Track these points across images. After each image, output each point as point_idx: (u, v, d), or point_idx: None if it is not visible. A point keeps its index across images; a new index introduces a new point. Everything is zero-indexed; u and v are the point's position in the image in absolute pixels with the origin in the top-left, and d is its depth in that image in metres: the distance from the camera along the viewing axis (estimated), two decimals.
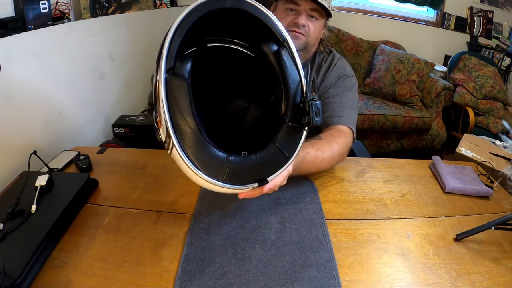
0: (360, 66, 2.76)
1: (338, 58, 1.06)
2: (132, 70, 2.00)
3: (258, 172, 0.57)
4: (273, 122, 0.61)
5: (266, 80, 0.65)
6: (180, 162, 0.53)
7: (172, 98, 0.50)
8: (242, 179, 0.55)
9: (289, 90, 0.59)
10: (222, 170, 0.53)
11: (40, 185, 0.74)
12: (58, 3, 1.29)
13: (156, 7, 2.37)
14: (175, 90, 0.51)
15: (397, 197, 0.87)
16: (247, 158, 0.56)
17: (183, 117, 0.51)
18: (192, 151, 0.51)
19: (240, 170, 0.55)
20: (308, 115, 0.58)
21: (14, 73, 1.02)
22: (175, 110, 0.50)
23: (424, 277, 0.64)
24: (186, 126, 0.51)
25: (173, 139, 0.50)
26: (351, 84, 1.02)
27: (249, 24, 0.60)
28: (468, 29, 2.96)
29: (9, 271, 0.55)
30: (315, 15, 0.93)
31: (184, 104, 0.51)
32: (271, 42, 0.61)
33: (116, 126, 1.63)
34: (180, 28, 0.52)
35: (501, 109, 2.51)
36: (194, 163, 0.52)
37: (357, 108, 1.02)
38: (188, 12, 0.53)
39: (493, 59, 2.85)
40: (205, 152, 0.52)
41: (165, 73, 0.50)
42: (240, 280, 0.60)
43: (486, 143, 1.39)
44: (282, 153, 0.58)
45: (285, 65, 0.59)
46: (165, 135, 0.52)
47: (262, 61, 0.62)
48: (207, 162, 0.52)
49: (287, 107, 0.59)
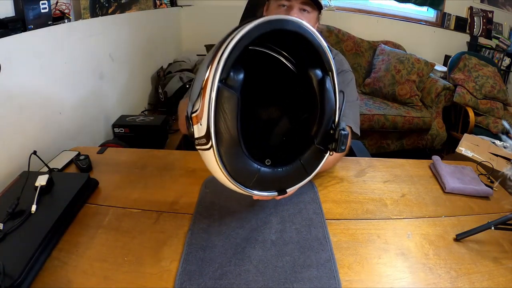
0: (360, 66, 2.76)
1: (335, 53, 1.07)
2: (132, 70, 2.00)
3: (280, 183, 0.62)
4: (300, 139, 0.66)
5: (302, 98, 0.69)
6: (212, 163, 0.56)
7: (220, 107, 0.53)
8: (266, 187, 0.61)
9: (325, 116, 0.63)
10: (251, 179, 0.58)
11: (40, 185, 0.74)
12: (58, 3, 1.29)
13: (156, 7, 2.37)
14: (226, 101, 0.53)
15: (397, 197, 0.87)
16: (275, 171, 0.60)
17: (227, 126, 0.54)
18: (227, 158, 0.55)
19: (266, 180, 0.60)
20: (336, 142, 0.63)
21: (14, 73, 1.02)
22: (220, 118, 0.53)
23: (424, 277, 0.64)
24: (228, 135, 0.54)
25: (213, 144, 0.54)
26: (349, 80, 1.02)
27: (301, 46, 0.64)
28: (468, 29, 2.96)
29: (9, 271, 0.55)
30: (307, 8, 0.93)
31: (232, 116, 0.54)
32: (318, 68, 0.65)
33: (116, 126, 1.63)
34: (241, 42, 0.54)
35: (501, 109, 2.51)
36: (227, 169, 0.56)
37: (358, 102, 1.02)
38: (251, 28, 0.54)
39: (493, 59, 2.85)
40: (240, 162, 0.56)
41: (218, 81, 0.52)
42: (240, 280, 0.60)
43: (486, 143, 1.39)
44: (305, 170, 0.64)
45: (327, 93, 0.63)
46: (202, 135, 0.55)
47: (304, 81, 0.66)
48: (239, 170, 0.57)
49: (319, 131, 0.64)
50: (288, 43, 0.67)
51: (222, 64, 0.52)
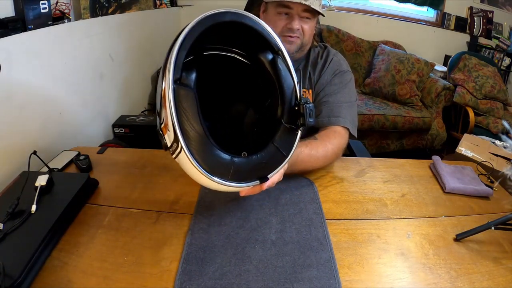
0: (360, 66, 2.76)
1: (334, 53, 1.06)
2: (132, 70, 2.00)
3: (259, 171, 0.62)
4: (269, 124, 0.66)
5: (261, 86, 0.70)
6: (187, 165, 0.57)
7: (180, 106, 0.54)
8: (245, 178, 0.61)
9: (285, 94, 0.65)
10: (227, 171, 0.58)
11: (40, 185, 0.74)
12: (58, 3, 1.29)
13: (156, 7, 2.37)
14: (184, 99, 0.55)
15: (397, 197, 0.87)
16: (249, 159, 0.61)
17: (191, 123, 0.55)
18: (199, 155, 0.56)
19: (243, 170, 0.60)
20: (303, 117, 0.64)
21: (14, 73, 1.02)
22: (182, 117, 0.54)
23: (424, 277, 0.64)
24: (194, 131, 0.55)
25: (182, 144, 0.54)
26: (347, 80, 1.02)
27: (246, 35, 0.65)
28: (468, 29, 2.96)
29: (9, 271, 0.55)
30: (307, 15, 0.93)
31: (193, 112, 0.55)
32: (267, 51, 0.66)
33: (116, 126, 1.63)
34: (185, 41, 0.56)
35: (501, 109, 2.51)
36: (201, 166, 0.56)
37: (356, 103, 1.02)
38: (193, 26, 0.57)
39: (493, 59, 2.85)
40: (212, 155, 0.57)
41: (173, 83, 0.54)
42: (240, 280, 0.60)
43: (486, 143, 1.39)
44: (280, 152, 0.64)
45: (281, 72, 0.65)
46: (172, 140, 0.56)
47: (258, 68, 0.67)
48: (214, 164, 0.57)
49: (283, 110, 0.65)
50: (236, 37, 0.68)
51: (173, 65, 0.54)
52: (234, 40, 0.70)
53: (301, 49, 0.98)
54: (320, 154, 0.86)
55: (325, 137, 0.90)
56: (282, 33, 0.93)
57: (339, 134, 0.93)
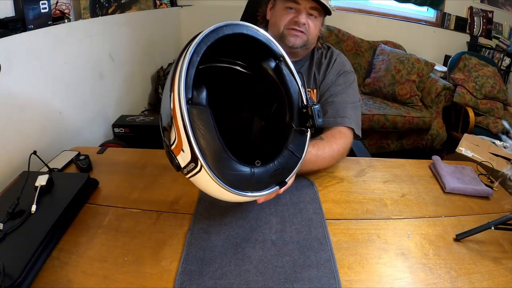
0: (360, 66, 2.76)
1: (337, 54, 1.07)
2: (132, 70, 2.00)
3: (277, 176, 0.63)
4: (277, 130, 0.68)
5: (265, 94, 0.72)
6: (208, 182, 0.56)
7: (196, 126, 0.54)
8: (266, 186, 0.62)
9: (292, 99, 0.66)
10: (249, 183, 0.59)
11: (40, 185, 0.74)
12: (58, 3, 1.29)
13: (156, 7, 2.37)
14: (198, 118, 0.54)
15: (397, 197, 0.87)
16: (267, 167, 0.61)
17: (208, 141, 0.54)
18: (220, 171, 0.56)
19: (263, 178, 0.61)
20: (312, 119, 0.65)
21: (14, 73, 1.02)
22: (199, 136, 0.54)
23: (424, 277, 0.64)
24: (213, 149, 0.54)
25: (203, 163, 0.54)
26: (351, 80, 1.03)
27: (246, 45, 0.66)
28: (468, 29, 2.96)
29: (9, 271, 0.55)
30: (314, 13, 0.94)
31: (209, 129, 0.54)
32: (269, 59, 0.67)
33: (116, 126, 1.63)
34: (193, 58, 0.55)
35: (501, 109, 2.51)
36: (223, 181, 0.56)
37: (359, 104, 1.03)
38: (198, 43, 0.56)
39: (493, 59, 2.85)
40: (233, 170, 0.57)
41: (186, 104, 0.53)
42: (240, 280, 0.60)
43: (486, 143, 1.39)
44: (295, 155, 0.65)
45: (286, 77, 0.66)
46: (189, 161, 0.55)
47: (261, 77, 0.68)
48: (235, 178, 0.57)
49: (292, 114, 0.66)
50: (236, 49, 0.69)
51: (183, 85, 0.53)
52: (234, 52, 0.70)
53: (306, 46, 0.98)
54: (327, 154, 0.87)
55: (331, 138, 0.91)
56: (288, 26, 0.95)
57: (344, 134, 0.94)
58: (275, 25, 0.98)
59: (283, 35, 0.96)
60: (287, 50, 0.96)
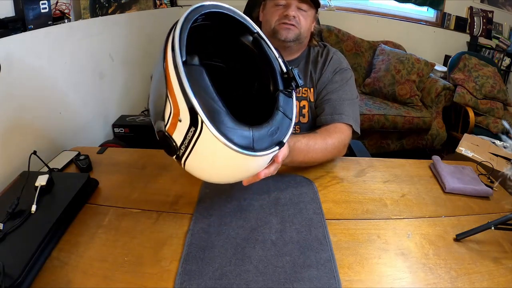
0: (360, 66, 2.76)
1: (334, 52, 1.07)
2: (132, 70, 1.99)
3: (273, 137, 0.63)
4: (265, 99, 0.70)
5: (246, 74, 0.75)
6: (212, 144, 0.54)
7: (194, 84, 0.53)
8: (266, 146, 0.61)
9: (273, 66, 0.69)
10: (250, 142, 0.58)
11: (40, 185, 0.74)
12: (58, 3, 1.29)
13: (156, 7, 2.37)
14: (197, 74, 0.54)
15: (397, 197, 0.87)
16: (264, 127, 0.61)
17: (207, 100, 0.53)
18: (222, 130, 0.54)
19: (261, 138, 0.60)
20: (295, 80, 0.68)
21: (14, 73, 1.02)
22: (196, 92, 0.53)
23: (424, 277, 0.64)
24: (212, 107, 0.53)
25: (203, 117, 0.52)
26: (348, 77, 1.03)
27: (225, 26, 0.69)
28: (468, 29, 2.96)
29: (9, 271, 0.55)
30: (303, 7, 0.96)
31: (207, 87, 0.54)
32: (247, 34, 0.71)
33: (116, 126, 1.62)
34: (184, 25, 0.57)
35: (501, 109, 2.50)
36: (228, 141, 0.54)
37: (357, 100, 1.03)
38: (186, 15, 0.59)
39: (493, 59, 2.85)
40: (234, 128, 0.56)
41: (181, 62, 0.53)
42: (240, 280, 0.60)
43: (486, 143, 1.39)
44: (286, 117, 0.66)
45: (264, 47, 0.69)
46: (187, 129, 0.54)
47: (241, 54, 0.72)
48: (237, 137, 0.56)
49: (275, 81, 0.69)
50: (212, 32, 0.71)
51: (178, 46, 0.54)
52: (208, 49, 0.73)
53: (299, 40, 0.99)
54: (319, 146, 0.87)
55: (325, 132, 0.92)
56: (279, 20, 0.96)
57: (340, 129, 0.94)
58: (267, 23, 0.99)
59: (275, 30, 0.97)
60: (281, 45, 0.98)
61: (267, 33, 1.00)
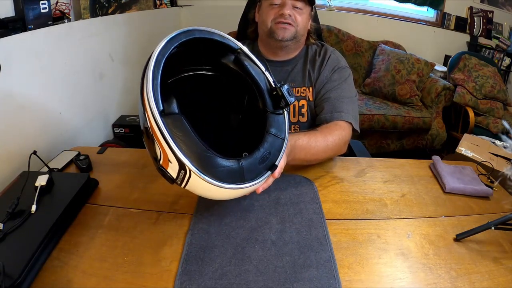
0: (360, 66, 2.76)
1: (331, 51, 1.08)
2: (132, 70, 2.00)
3: (266, 162, 0.64)
4: (255, 119, 0.69)
5: (235, 89, 0.74)
6: (202, 185, 0.58)
7: (174, 134, 0.55)
8: (257, 174, 0.62)
9: (259, 85, 0.68)
10: (241, 175, 0.59)
11: (40, 185, 0.74)
12: (58, 3, 1.29)
13: (156, 7, 2.37)
14: (174, 126, 0.55)
15: (397, 197, 0.87)
16: (254, 156, 0.62)
17: (189, 146, 0.55)
18: (209, 171, 0.56)
19: (253, 168, 0.61)
20: (284, 98, 0.66)
21: (14, 73, 1.02)
22: (179, 142, 0.55)
23: (424, 277, 0.64)
24: (196, 152, 0.56)
25: (190, 166, 0.55)
26: (346, 76, 1.03)
27: (206, 47, 0.68)
28: (468, 29, 2.96)
29: (9, 271, 0.55)
30: (298, 5, 0.96)
31: (188, 134, 0.56)
32: (228, 54, 0.69)
33: (116, 126, 1.63)
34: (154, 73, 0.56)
35: (501, 109, 2.50)
36: (215, 180, 0.57)
37: (356, 98, 1.03)
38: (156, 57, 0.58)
39: (493, 59, 2.85)
40: (221, 167, 0.58)
41: (159, 116, 0.54)
42: (240, 280, 0.60)
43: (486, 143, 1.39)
44: (278, 137, 0.66)
45: (247, 67, 0.68)
46: (178, 169, 0.56)
47: (226, 73, 0.70)
48: (225, 174, 0.58)
49: (264, 100, 0.68)
50: (199, 53, 0.70)
51: (153, 100, 0.54)
52: (197, 58, 0.72)
53: (296, 39, 0.99)
54: (320, 143, 0.87)
55: (326, 130, 0.92)
56: (275, 20, 0.96)
57: (341, 126, 0.94)
58: (264, 23, 0.99)
59: (272, 30, 0.97)
60: (278, 45, 0.99)
61: (264, 33, 1.00)
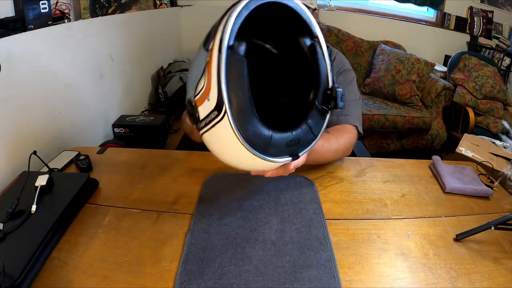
0: (360, 66, 2.76)
1: (336, 52, 1.08)
2: (132, 70, 1.99)
3: (291, 148, 0.62)
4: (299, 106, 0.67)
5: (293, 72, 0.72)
6: (226, 134, 0.54)
7: (231, 72, 0.52)
8: (278, 153, 0.60)
9: (320, 78, 0.66)
10: (265, 145, 0.57)
11: (40, 185, 0.74)
12: (58, 3, 1.29)
13: (156, 7, 2.37)
14: (235, 65, 0.53)
15: (397, 197, 0.87)
16: (285, 135, 0.60)
17: (238, 92, 0.53)
18: (241, 125, 0.54)
19: (278, 145, 0.59)
20: (334, 100, 0.65)
21: (14, 73, 1.02)
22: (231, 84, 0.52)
23: (424, 277, 0.64)
24: (241, 100, 0.53)
25: (227, 108, 0.52)
26: (351, 78, 1.04)
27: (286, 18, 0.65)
28: (468, 29, 2.96)
29: (9, 271, 0.55)
30: None
31: (243, 81, 0.53)
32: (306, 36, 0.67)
33: (116, 126, 1.62)
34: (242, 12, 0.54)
35: (501, 109, 2.51)
36: (241, 135, 0.54)
37: (360, 101, 1.04)
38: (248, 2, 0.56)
39: (493, 59, 2.85)
40: (254, 127, 0.55)
41: (227, 48, 0.52)
42: (240, 280, 0.60)
43: (486, 143, 1.39)
44: (311, 132, 0.64)
45: (318, 56, 0.66)
46: (212, 108, 0.54)
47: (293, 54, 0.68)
48: (253, 136, 0.55)
49: (317, 93, 0.66)
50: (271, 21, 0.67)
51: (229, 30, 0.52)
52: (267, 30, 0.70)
53: None
54: (333, 147, 0.88)
55: (337, 132, 0.92)
56: None
57: (350, 130, 0.95)
58: None
59: None
60: None
61: None
